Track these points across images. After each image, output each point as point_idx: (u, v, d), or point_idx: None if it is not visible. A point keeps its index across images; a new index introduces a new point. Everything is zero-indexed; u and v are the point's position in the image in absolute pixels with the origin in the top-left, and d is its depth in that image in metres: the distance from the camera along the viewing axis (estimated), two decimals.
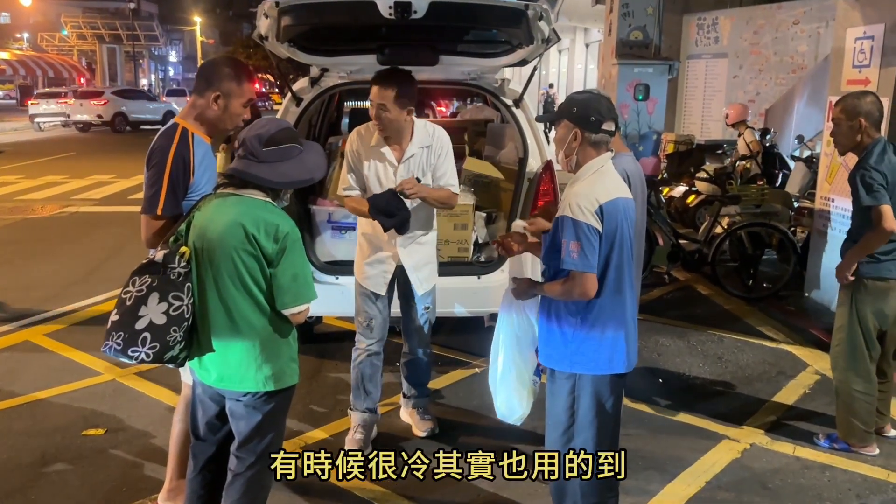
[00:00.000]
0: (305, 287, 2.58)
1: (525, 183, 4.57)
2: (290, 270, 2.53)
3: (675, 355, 5.35)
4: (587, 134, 2.74)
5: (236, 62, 3.08)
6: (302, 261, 2.58)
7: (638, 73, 12.06)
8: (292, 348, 2.70)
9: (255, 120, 2.73)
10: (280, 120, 2.70)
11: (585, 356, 2.80)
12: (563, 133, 2.80)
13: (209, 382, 2.69)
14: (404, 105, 3.49)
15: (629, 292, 2.85)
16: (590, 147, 2.76)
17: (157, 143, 2.98)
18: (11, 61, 37.38)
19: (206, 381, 2.70)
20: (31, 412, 4.36)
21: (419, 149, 3.65)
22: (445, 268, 4.58)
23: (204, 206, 2.61)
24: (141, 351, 2.43)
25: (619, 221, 2.72)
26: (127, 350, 2.43)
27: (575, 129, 2.75)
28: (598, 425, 2.82)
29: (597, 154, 2.77)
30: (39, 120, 27.58)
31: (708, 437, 4.13)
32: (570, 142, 2.77)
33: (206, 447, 2.84)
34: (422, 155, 3.66)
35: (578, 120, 2.74)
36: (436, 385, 4.76)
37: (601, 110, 2.75)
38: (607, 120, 2.75)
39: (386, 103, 3.47)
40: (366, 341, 3.83)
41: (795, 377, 4.96)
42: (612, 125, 2.77)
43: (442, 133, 3.73)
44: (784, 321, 6.05)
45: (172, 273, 2.49)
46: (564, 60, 28.32)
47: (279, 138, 2.57)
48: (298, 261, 2.56)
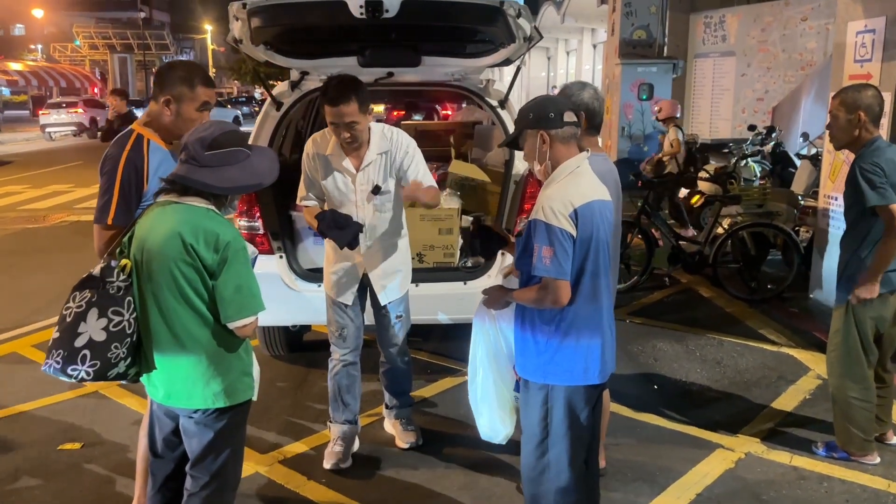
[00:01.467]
0: (250, 298, 2.45)
1: (511, 185, 4.45)
2: (233, 282, 2.41)
3: (673, 360, 5.20)
4: (552, 132, 2.63)
5: (191, 65, 2.98)
6: (245, 271, 2.45)
7: (642, 73, 11.92)
8: (244, 361, 2.58)
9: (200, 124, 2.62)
10: (225, 122, 2.59)
11: (559, 366, 2.68)
12: (530, 143, 2.70)
13: (158, 399, 2.59)
14: (367, 110, 3.36)
15: (606, 299, 2.73)
16: (560, 145, 2.64)
17: (110, 151, 2.90)
18: (24, 72, 37.71)
19: (155, 398, 2.61)
20: (9, 425, 4.29)
21: (377, 155, 3.50)
22: (430, 273, 4.48)
23: (145, 216, 2.50)
24: (81, 369, 2.33)
25: (595, 225, 2.60)
26: (66, 369, 2.32)
27: (538, 132, 2.65)
28: (572, 438, 2.69)
29: (568, 152, 2.65)
30: (50, 130, 27.76)
31: (701, 446, 3.98)
32: (539, 148, 2.66)
33: (165, 464, 2.74)
34: (380, 161, 3.51)
35: (539, 122, 2.64)
36: (424, 393, 4.66)
37: (557, 103, 2.67)
38: (566, 110, 2.65)
39: (355, 119, 3.29)
40: (340, 351, 3.72)
41: (796, 382, 4.80)
42: (572, 115, 2.66)
43: (400, 136, 3.57)
44: (787, 323, 5.88)
45: (111, 287, 2.38)
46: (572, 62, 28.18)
47: (223, 141, 2.43)
48: (242, 271, 2.43)
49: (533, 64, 31.81)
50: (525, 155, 2.76)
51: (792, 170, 8.83)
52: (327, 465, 3.72)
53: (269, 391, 4.69)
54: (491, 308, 2.94)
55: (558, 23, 22.80)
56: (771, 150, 9.33)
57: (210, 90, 2.95)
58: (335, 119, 3.29)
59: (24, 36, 53.96)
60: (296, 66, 4.47)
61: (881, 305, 3.61)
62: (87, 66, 46.31)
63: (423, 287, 4.38)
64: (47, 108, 28.96)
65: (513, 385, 3.08)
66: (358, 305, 3.70)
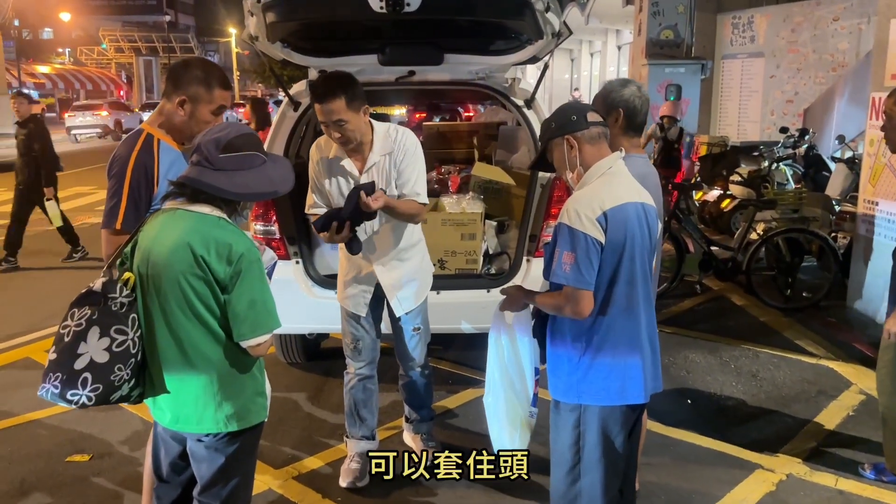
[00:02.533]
0: (265, 315, 2.25)
1: (538, 189, 4.25)
2: (247, 296, 2.21)
3: (706, 373, 4.97)
4: (578, 134, 2.46)
5: (209, 65, 2.80)
6: (261, 285, 2.25)
7: (669, 74, 11.69)
8: (258, 381, 2.40)
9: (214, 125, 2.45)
10: (241, 125, 2.40)
11: (593, 384, 2.47)
12: (558, 153, 2.53)
13: (164, 423, 2.39)
14: (359, 108, 3.11)
15: (644, 310, 2.52)
16: (589, 146, 2.46)
17: (119, 151, 2.73)
18: (51, 75, 38.18)
19: (161, 421, 2.41)
20: (18, 435, 4.16)
21: (381, 156, 3.28)
22: (452, 281, 4.30)
23: (149, 224, 2.30)
24: (82, 394, 2.12)
25: (630, 230, 2.40)
26: (66, 393, 2.12)
27: (564, 138, 2.47)
28: (606, 465, 2.48)
29: (599, 153, 2.47)
30: (76, 132, 27.99)
31: (739, 466, 3.75)
32: (567, 155, 2.49)
33: (171, 489, 2.56)
34: (384, 163, 3.29)
35: (562, 129, 2.48)
36: (447, 404, 4.47)
37: (576, 107, 2.52)
38: (588, 111, 2.49)
39: (342, 116, 3.07)
40: (355, 364, 3.54)
41: (837, 397, 4.54)
42: (596, 115, 2.50)
43: (406, 137, 3.32)
44: (824, 334, 5.61)
45: (114, 303, 2.18)
46: (597, 63, 27.87)
47: (239, 144, 2.24)
48: (256, 285, 2.23)
49: (556, 66, 31.54)
50: (556, 168, 2.58)
51: (826, 173, 8.53)
52: (343, 484, 3.54)
53: (285, 401, 4.53)
54: (507, 310, 2.74)
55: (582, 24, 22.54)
56: (803, 152, 9.04)
57: (227, 93, 2.79)
58: (323, 117, 3.10)
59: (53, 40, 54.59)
60: (314, 64, 4.30)
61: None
62: (112, 70, 46.77)
63: (444, 295, 4.20)
64: (73, 110, 29.22)
65: (529, 400, 2.86)
66: (372, 317, 3.50)
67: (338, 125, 3.08)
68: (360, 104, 3.11)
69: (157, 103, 14.35)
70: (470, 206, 4.39)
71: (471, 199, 4.46)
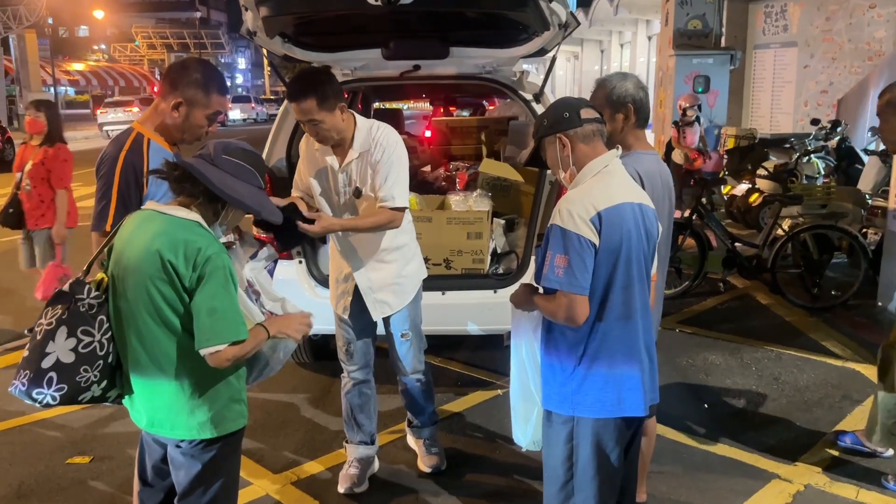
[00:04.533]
0: (223, 325, 2.12)
1: (546, 186, 4.11)
2: (208, 303, 2.11)
3: (725, 375, 4.79)
4: (570, 132, 2.32)
5: (208, 68, 2.71)
6: (224, 293, 2.14)
7: (697, 65, 11.41)
8: (234, 388, 2.30)
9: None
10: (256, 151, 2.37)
11: (588, 395, 2.33)
12: (551, 152, 2.40)
13: (141, 426, 2.35)
14: (333, 106, 2.99)
15: (642, 318, 2.38)
16: (582, 145, 2.33)
17: (107, 151, 2.66)
18: (85, 72, 38.72)
19: (139, 424, 2.36)
20: (20, 436, 4.14)
21: (358, 154, 3.16)
22: (458, 281, 4.18)
23: (124, 225, 2.25)
24: (46, 393, 2.11)
25: (626, 231, 2.26)
26: (31, 391, 2.10)
27: (556, 136, 2.35)
28: (600, 481, 2.35)
29: (594, 152, 2.33)
30: (107, 128, 28.32)
31: (755, 475, 3.59)
32: (560, 153, 2.36)
33: (154, 494, 2.51)
34: (359, 161, 3.17)
35: (554, 126, 2.36)
36: (454, 407, 4.36)
37: (569, 104, 2.38)
38: (582, 107, 2.35)
39: (314, 116, 2.97)
40: (348, 368, 3.44)
41: (862, 402, 4.33)
42: (591, 112, 2.36)
43: (385, 135, 3.17)
44: (852, 335, 5.39)
45: (82, 304, 2.15)
46: (626, 54, 27.44)
47: (245, 158, 2.25)
48: (220, 292, 2.12)
49: (585, 57, 31.15)
50: (549, 166, 2.46)
51: (859, 166, 8.24)
52: (341, 489, 3.45)
53: (290, 404, 4.46)
54: (515, 306, 2.61)
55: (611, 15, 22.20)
56: (836, 145, 8.73)
57: (224, 98, 2.71)
58: (298, 116, 3.04)
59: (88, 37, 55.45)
60: (315, 59, 4.19)
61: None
62: (145, 66, 47.33)
63: (450, 295, 4.09)
64: (104, 107, 29.62)
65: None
66: (361, 318, 3.39)
67: (312, 124, 3.01)
68: (333, 103, 3.00)
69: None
70: (477, 204, 4.26)
71: (478, 197, 4.33)
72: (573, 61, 35.05)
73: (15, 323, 6.07)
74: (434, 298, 4.04)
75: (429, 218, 4.16)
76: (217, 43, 47.98)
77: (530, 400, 2.70)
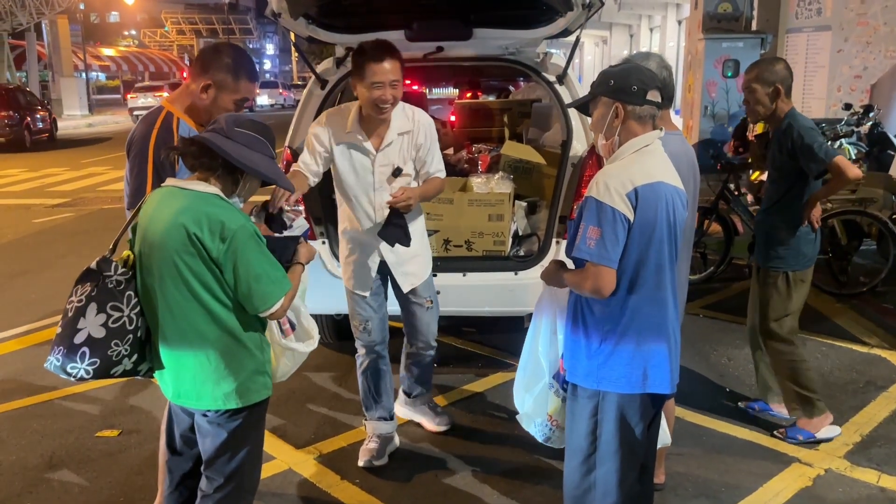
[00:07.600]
0: (271, 284, 2.25)
1: (568, 168, 4.10)
2: (253, 271, 2.21)
3: (748, 360, 4.72)
4: (630, 107, 2.30)
5: (240, 53, 2.76)
6: (260, 257, 2.24)
7: (727, 49, 11.24)
8: (258, 360, 2.38)
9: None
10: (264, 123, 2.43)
11: (614, 370, 2.35)
12: (602, 113, 2.37)
13: (169, 397, 2.44)
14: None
15: (672, 298, 2.38)
16: (634, 123, 2.32)
17: (138, 130, 2.72)
18: (116, 58, 39.16)
19: (167, 395, 2.46)
20: (52, 409, 4.25)
21: (398, 135, 3.24)
22: (479, 262, 4.21)
23: (147, 202, 2.33)
24: (80, 367, 2.21)
25: (660, 211, 2.27)
26: (66, 366, 2.21)
27: (615, 104, 2.32)
28: (623, 455, 2.37)
29: (642, 132, 2.33)
30: (137, 112, 28.65)
31: (775, 459, 3.58)
32: (610, 121, 2.34)
33: (182, 462, 2.61)
34: (401, 142, 3.25)
35: (617, 93, 2.31)
36: (474, 388, 4.41)
37: (643, 78, 2.32)
38: (651, 88, 2.32)
39: (397, 77, 3.09)
40: (366, 345, 3.51)
41: (887, 389, 4.29)
42: (657, 95, 2.33)
43: (423, 116, 3.34)
44: (880, 322, 5.33)
45: (110, 281, 2.25)
46: (656, 39, 27.11)
47: (256, 129, 2.30)
48: (256, 259, 2.23)
49: (614, 42, 30.83)
50: (592, 123, 2.45)
51: (891, 152, 8.08)
52: (361, 463, 3.51)
53: (314, 381, 4.53)
54: (545, 283, 2.62)
55: None
56: (868, 130, 8.58)
57: (252, 85, 2.76)
58: (380, 77, 3.06)
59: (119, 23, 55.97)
60: (339, 41, 4.22)
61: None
62: (174, 52, 47.73)
63: (471, 277, 4.12)
64: (134, 91, 29.97)
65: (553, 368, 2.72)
66: (380, 295, 3.49)
67: (392, 86, 3.08)
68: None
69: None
70: (498, 186, 4.27)
71: (500, 179, 4.34)
72: (602, 46, 34.70)
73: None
74: (455, 280, 4.07)
75: (450, 200, 4.18)
76: (245, 28, 48.20)
77: (538, 372, 2.72)
